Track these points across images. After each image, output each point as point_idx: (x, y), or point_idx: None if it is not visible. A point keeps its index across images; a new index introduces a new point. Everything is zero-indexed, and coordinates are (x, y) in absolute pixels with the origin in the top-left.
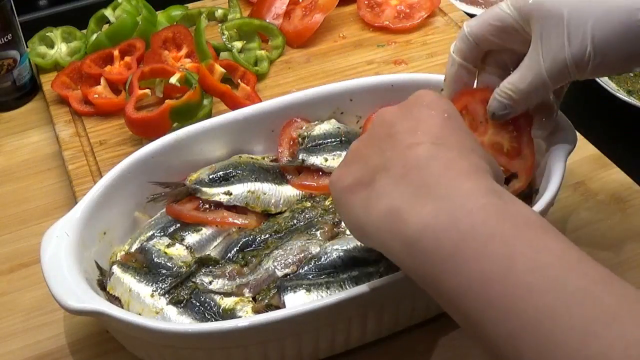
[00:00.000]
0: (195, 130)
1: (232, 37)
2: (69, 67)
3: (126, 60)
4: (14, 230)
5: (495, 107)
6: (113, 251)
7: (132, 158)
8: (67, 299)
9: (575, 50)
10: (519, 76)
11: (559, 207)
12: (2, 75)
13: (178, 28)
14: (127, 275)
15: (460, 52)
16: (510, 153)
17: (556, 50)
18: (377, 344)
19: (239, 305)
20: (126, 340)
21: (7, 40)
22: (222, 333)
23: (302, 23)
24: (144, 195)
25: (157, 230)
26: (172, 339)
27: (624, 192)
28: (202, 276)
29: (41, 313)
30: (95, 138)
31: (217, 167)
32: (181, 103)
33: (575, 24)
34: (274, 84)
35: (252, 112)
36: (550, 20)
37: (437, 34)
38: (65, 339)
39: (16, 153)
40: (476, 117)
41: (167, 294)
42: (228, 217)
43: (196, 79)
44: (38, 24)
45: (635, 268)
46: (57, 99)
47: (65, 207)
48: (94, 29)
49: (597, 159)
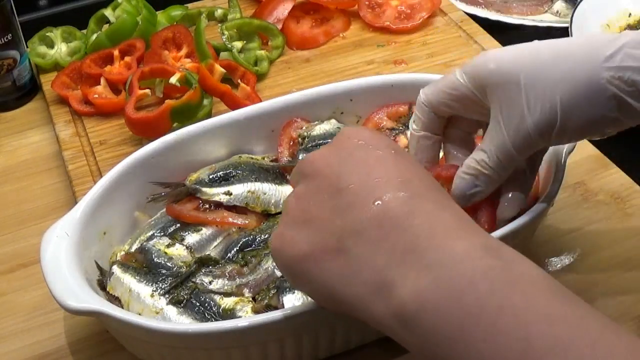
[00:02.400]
0: (195, 130)
1: (232, 37)
2: (69, 67)
3: (126, 60)
4: (14, 230)
5: (463, 187)
6: (113, 251)
7: (132, 158)
8: (67, 299)
9: (536, 118)
10: (483, 151)
11: (559, 207)
12: (2, 75)
13: (178, 28)
14: (127, 275)
15: (419, 121)
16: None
17: (518, 121)
18: (377, 343)
19: (239, 305)
20: (126, 340)
21: (7, 40)
22: (222, 333)
23: (311, 32)
24: (144, 195)
25: (157, 230)
26: (172, 339)
27: (624, 192)
28: (202, 276)
29: (41, 313)
30: (95, 138)
31: (217, 167)
32: (181, 103)
33: (533, 90)
34: (274, 84)
35: (252, 112)
36: (507, 89)
37: (437, 34)
38: (65, 339)
39: (16, 153)
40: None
41: (167, 294)
42: (228, 217)
43: (196, 79)
44: (38, 24)
45: (635, 268)
46: (57, 99)
47: (65, 207)
48: (94, 29)
49: (597, 159)
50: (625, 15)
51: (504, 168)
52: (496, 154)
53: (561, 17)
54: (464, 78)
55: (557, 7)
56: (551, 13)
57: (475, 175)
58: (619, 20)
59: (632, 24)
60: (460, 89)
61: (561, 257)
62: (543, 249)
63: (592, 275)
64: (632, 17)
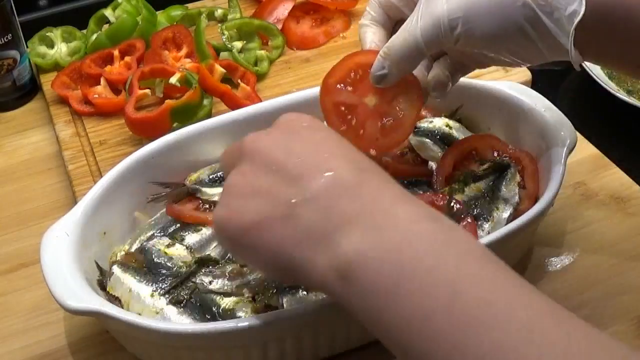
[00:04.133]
0: (195, 130)
1: (232, 37)
2: (69, 67)
3: (126, 60)
4: (14, 230)
5: (374, 67)
6: (113, 251)
7: (132, 158)
8: (67, 299)
9: (451, 8)
10: (396, 34)
11: (559, 207)
12: (2, 75)
13: (178, 28)
14: (127, 275)
15: (368, 15)
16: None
17: (433, 9)
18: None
19: (239, 305)
20: (126, 340)
21: (7, 40)
22: (222, 333)
23: (311, 32)
24: (144, 195)
25: (157, 230)
26: (172, 339)
27: (624, 192)
28: (202, 276)
29: (41, 313)
30: (95, 138)
31: (217, 167)
32: (181, 103)
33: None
34: (274, 84)
35: (252, 112)
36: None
37: None
38: (65, 339)
39: (16, 153)
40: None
41: (167, 294)
42: None
43: (196, 79)
44: (38, 24)
45: (635, 268)
46: (57, 99)
47: (65, 207)
48: (94, 29)
49: (597, 159)
50: None
51: (410, 54)
52: (404, 38)
53: None
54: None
55: None
56: None
57: (384, 57)
58: None
59: None
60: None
61: (561, 257)
62: (543, 249)
63: (592, 275)
64: None
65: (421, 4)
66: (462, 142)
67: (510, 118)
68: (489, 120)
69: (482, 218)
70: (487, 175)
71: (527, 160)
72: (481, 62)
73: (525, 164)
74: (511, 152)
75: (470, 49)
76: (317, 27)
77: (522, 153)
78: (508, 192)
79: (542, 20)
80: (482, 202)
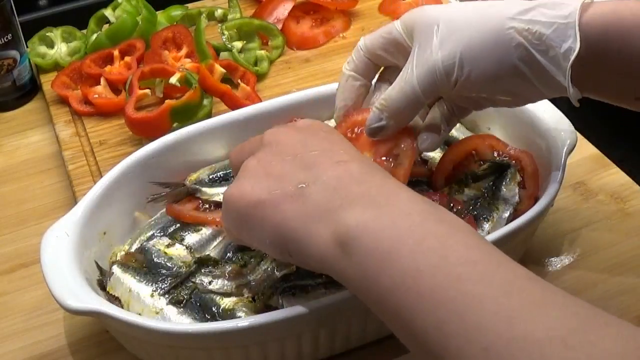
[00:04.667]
0: (195, 130)
1: (232, 37)
2: (69, 67)
3: (126, 60)
4: (14, 230)
5: (370, 119)
6: (113, 251)
7: (132, 158)
8: (67, 299)
9: (445, 54)
10: (393, 85)
11: (559, 207)
12: (2, 75)
13: (178, 28)
14: (127, 275)
15: (352, 62)
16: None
17: (427, 57)
18: (377, 343)
19: (239, 305)
20: (126, 340)
21: (7, 40)
22: (222, 333)
23: (311, 32)
24: (144, 195)
25: (157, 230)
26: (172, 339)
27: (624, 192)
28: (201, 276)
29: (41, 313)
30: (95, 138)
31: (217, 167)
32: (181, 103)
33: (447, 32)
34: (274, 84)
35: (252, 112)
36: (427, 31)
37: None
38: (65, 339)
39: (16, 153)
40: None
41: (167, 294)
42: None
43: (196, 79)
44: (38, 24)
45: (635, 268)
46: (57, 99)
47: (65, 207)
48: (94, 29)
49: (597, 159)
50: None
51: (408, 104)
52: (402, 88)
53: None
54: (398, 24)
55: None
56: None
57: (381, 109)
58: None
59: None
60: (394, 33)
61: (561, 257)
62: (543, 249)
63: (592, 275)
64: None
65: (415, 53)
66: (462, 142)
67: (510, 118)
68: (489, 120)
69: (482, 218)
70: (487, 175)
71: (527, 160)
72: (479, 104)
73: (525, 164)
74: (511, 152)
75: (467, 92)
76: (317, 27)
77: (522, 153)
78: (508, 192)
79: (538, 59)
80: (482, 202)
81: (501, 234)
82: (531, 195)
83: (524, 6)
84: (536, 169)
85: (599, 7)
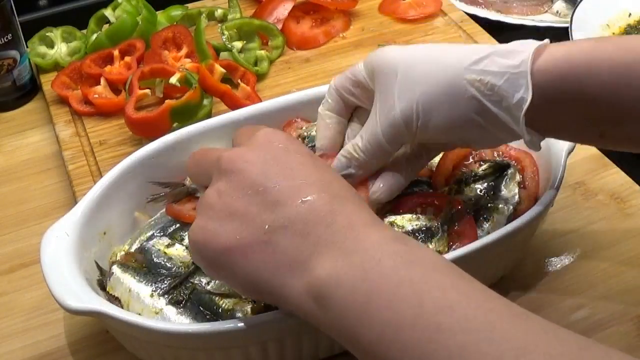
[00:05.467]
0: (195, 130)
1: (232, 37)
2: (69, 67)
3: (126, 60)
4: (14, 230)
5: (337, 167)
6: (113, 251)
7: (132, 158)
8: (67, 299)
9: (403, 106)
10: (360, 135)
11: (559, 207)
12: (2, 75)
13: (178, 28)
14: (127, 275)
15: (327, 103)
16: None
17: (388, 109)
18: None
19: (238, 305)
20: (126, 340)
21: (7, 40)
22: (222, 333)
23: (311, 32)
24: (144, 195)
25: (157, 230)
26: (172, 339)
27: (624, 192)
28: (200, 277)
29: (41, 313)
30: (95, 138)
31: None
32: (181, 103)
33: (405, 81)
34: (274, 84)
35: (252, 112)
36: (386, 78)
37: (437, 34)
38: (65, 339)
39: (16, 153)
40: None
41: (167, 294)
42: None
43: (196, 79)
44: (38, 24)
45: (635, 268)
46: (57, 99)
47: (65, 207)
48: (94, 29)
49: (597, 159)
50: (625, 15)
51: (375, 155)
52: (368, 140)
53: (561, 17)
54: (362, 67)
55: (557, 7)
56: (551, 13)
57: (349, 158)
58: (619, 21)
59: (632, 24)
60: (358, 76)
61: (561, 257)
62: (543, 249)
63: (592, 275)
64: (632, 17)
65: (377, 102)
66: None
67: None
68: None
69: (482, 218)
70: (487, 175)
71: (527, 161)
72: (445, 147)
73: (525, 164)
74: (511, 153)
75: (427, 140)
76: (317, 27)
77: (522, 153)
78: (508, 192)
79: (491, 110)
80: (482, 202)
81: (501, 234)
82: (531, 195)
83: (478, 54)
84: (536, 169)
85: (553, 51)
